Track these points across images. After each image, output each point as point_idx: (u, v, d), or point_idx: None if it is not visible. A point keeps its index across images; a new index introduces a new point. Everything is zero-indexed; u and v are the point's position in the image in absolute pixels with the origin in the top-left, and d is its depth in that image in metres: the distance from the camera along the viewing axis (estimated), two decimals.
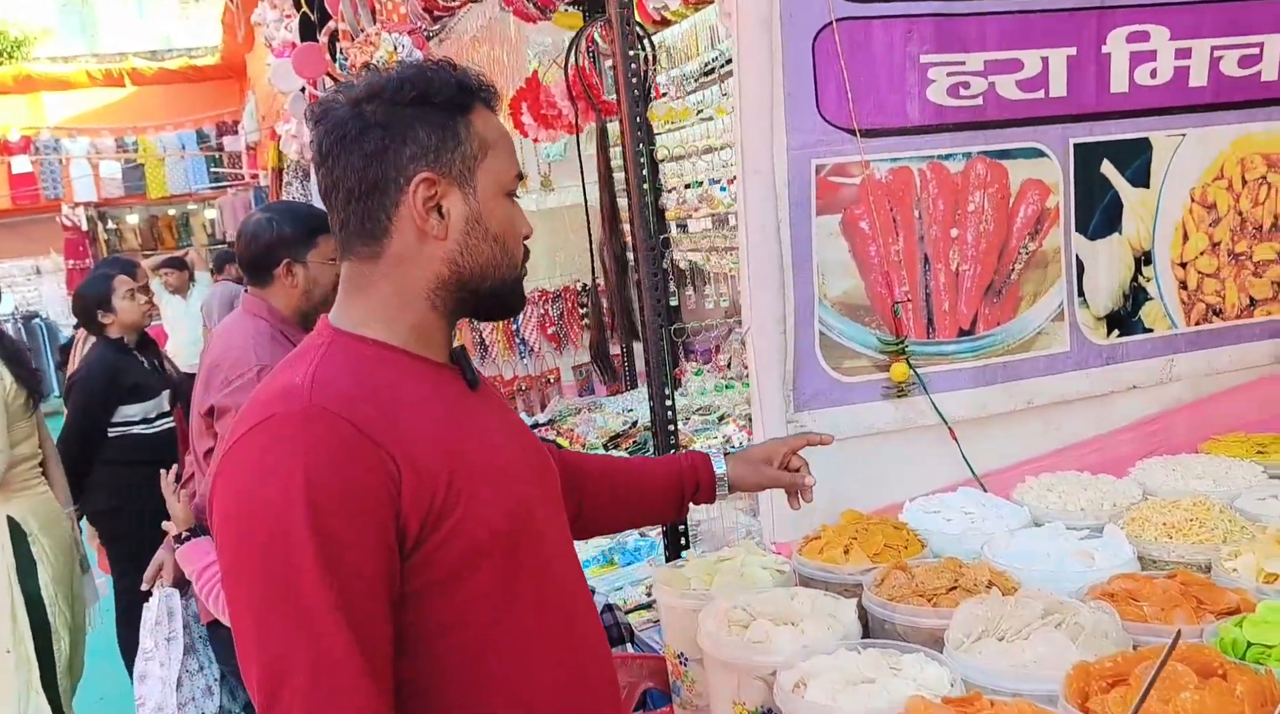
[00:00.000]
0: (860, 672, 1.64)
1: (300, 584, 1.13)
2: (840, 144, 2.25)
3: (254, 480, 1.17)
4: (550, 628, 1.33)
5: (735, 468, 1.82)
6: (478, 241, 1.28)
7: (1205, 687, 1.35)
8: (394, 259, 1.28)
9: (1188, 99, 2.47)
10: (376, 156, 1.24)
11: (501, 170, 1.30)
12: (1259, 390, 2.62)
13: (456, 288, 1.30)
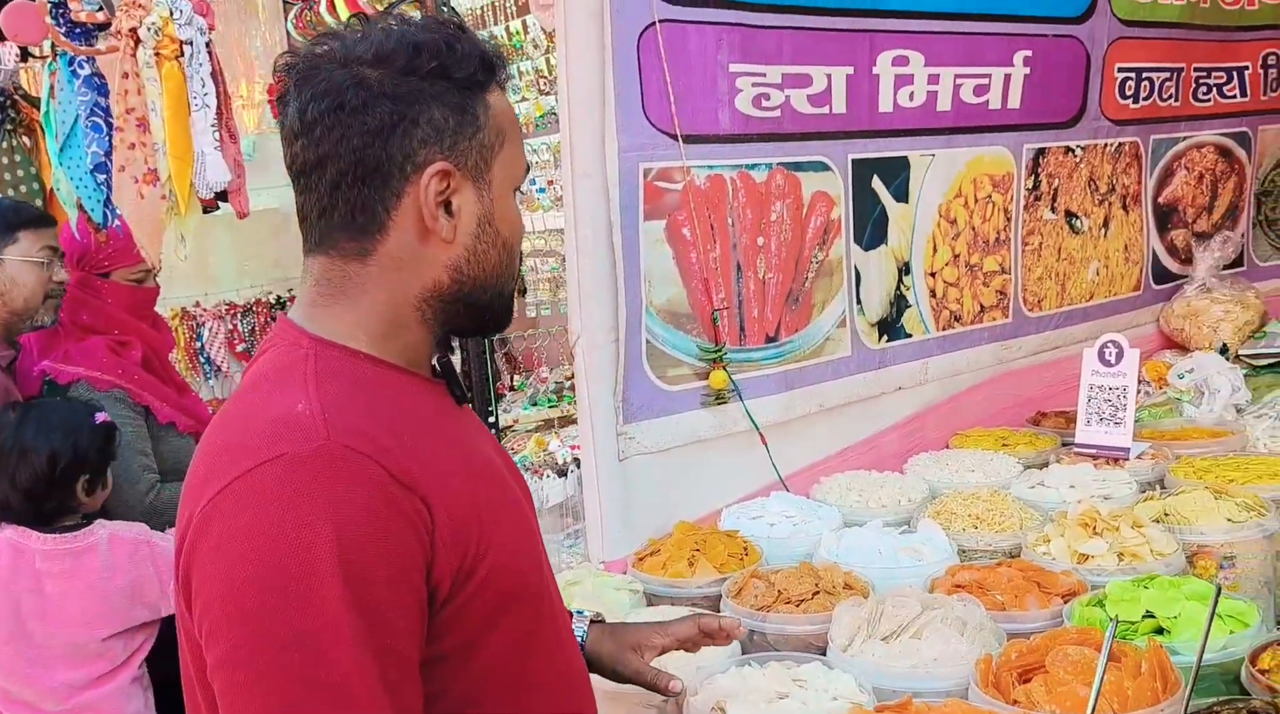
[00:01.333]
0: (772, 688, 1.59)
1: (342, 677, 0.88)
2: (664, 148, 2.20)
3: (267, 548, 0.89)
4: (562, 692, 1.13)
5: (597, 641, 1.41)
6: (487, 246, 1.06)
7: (1111, 668, 1.45)
8: (387, 259, 1.03)
9: (937, 122, 2.71)
10: (382, 135, 1.00)
11: (515, 163, 1.09)
12: (988, 388, 2.94)
13: (454, 299, 1.07)
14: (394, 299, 1.04)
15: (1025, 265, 2.98)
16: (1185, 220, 3.53)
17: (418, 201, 1.02)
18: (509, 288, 1.12)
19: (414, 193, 1.02)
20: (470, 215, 1.05)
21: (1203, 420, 2.86)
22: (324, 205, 1.03)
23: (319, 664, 0.87)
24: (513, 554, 1.04)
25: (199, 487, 0.95)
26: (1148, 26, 3.21)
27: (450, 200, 1.03)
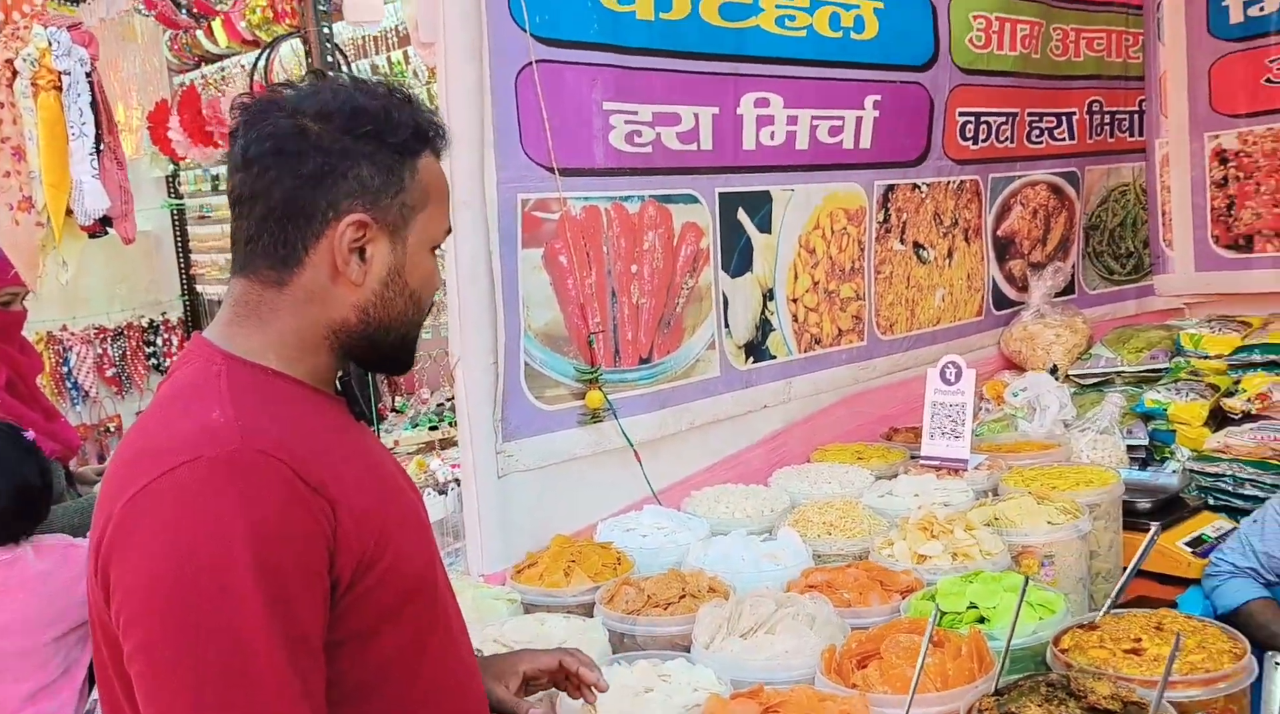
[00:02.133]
0: (639, 683, 1.72)
1: (257, 667, 0.97)
2: (542, 180, 2.32)
3: (184, 542, 0.97)
4: (453, 687, 1.23)
5: None
6: (394, 295, 1.17)
7: (935, 652, 1.64)
8: (300, 292, 1.14)
9: (796, 159, 2.93)
10: (311, 182, 1.11)
11: (435, 224, 1.20)
12: (846, 406, 3.16)
13: (360, 337, 1.18)
14: (303, 327, 1.15)
15: (878, 292, 3.22)
16: (1021, 252, 3.86)
17: (333, 245, 1.13)
18: (413, 334, 1.23)
19: (331, 236, 1.13)
20: (382, 264, 1.15)
21: (1034, 434, 3.15)
22: (251, 234, 1.14)
23: (233, 652, 0.95)
24: (409, 555, 1.15)
25: (118, 489, 1.02)
26: (985, 75, 3.52)
27: (365, 248, 1.14)
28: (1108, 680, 1.45)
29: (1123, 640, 1.64)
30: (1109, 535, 2.56)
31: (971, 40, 3.44)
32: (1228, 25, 4.15)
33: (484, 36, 2.20)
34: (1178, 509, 2.87)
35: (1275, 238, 4.15)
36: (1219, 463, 3.00)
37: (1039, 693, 1.48)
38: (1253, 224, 4.20)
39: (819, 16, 2.90)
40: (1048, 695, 1.47)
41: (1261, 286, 4.12)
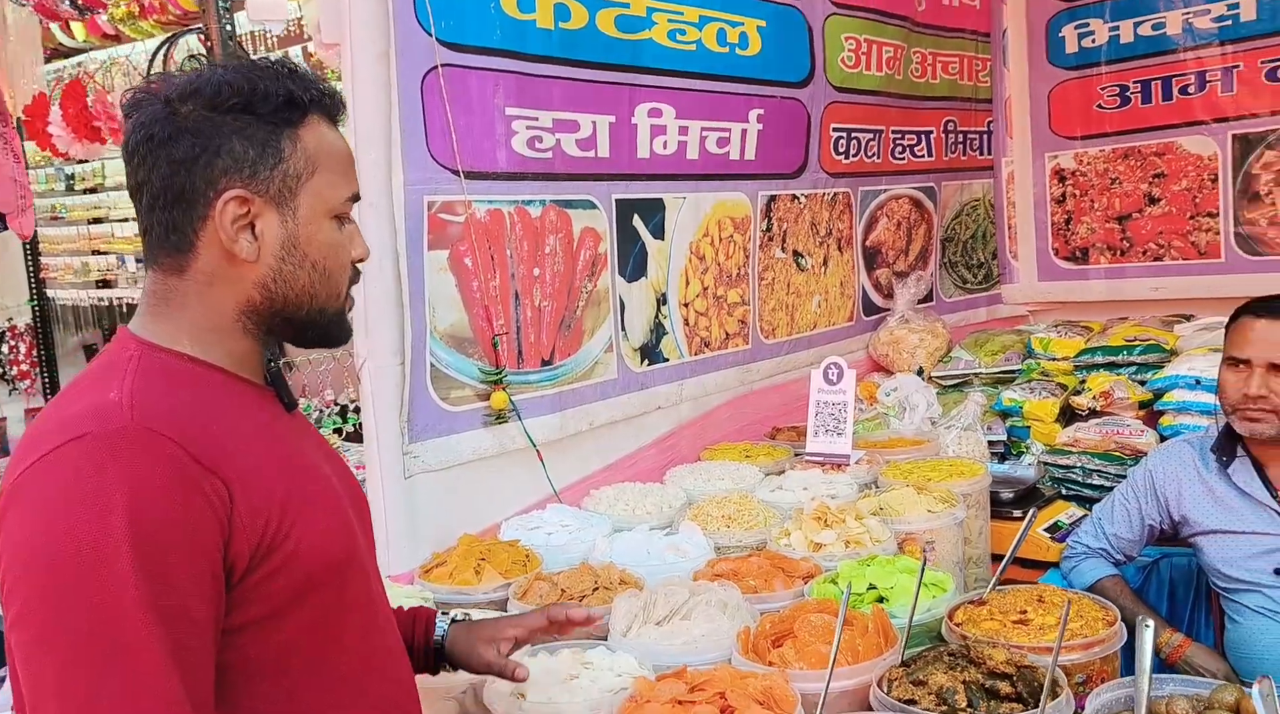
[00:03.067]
0: (564, 670, 1.77)
1: (126, 637, 0.97)
2: (447, 183, 2.34)
3: (62, 514, 0.98)
4: (371, 671, 1.24)
5: (455, 638, 1.55)
6: (293, 267, 1.17)
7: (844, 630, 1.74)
8: (201, 276, 1.15)
9: (687, 168, 3.03)
10: (185, 165, 1.11)
11: (330, 191, 1.18)
12: (733, 407, 3.28)
13: (269, 314, 1.18)
14: (211, 311, 1.15)
15: (761, 298, 3.36)
16: (887, 261, 4.09)
17: (218, 225, 1.13)
18: (332, 306, 1.22)
19: (214, 217, 1.13)
20: (274, 238, 1.15)
21: (905, 431, 3.35)
22: (146, 225, 1.15)
23: (104, 623, 0.96)
24: (320, 542, 1.15)
25: (11, 467, 1.03)
26: (854, 93, 3.73)
27: (254, 224, 1.14)
28: (1002, 648, 1.59)
29: (1010, 613, 1.79)
30: (979, 523, 2.76)
31: (843, 60, 3.63)
32: (1064, 54, 4.53)
33: (390, 40, 2.20)
34: (1036, 499, 3.11)
35: (1108, 251, 4.54)
36: (1070, 456, 3.27)
37: (943, 661, 1.60)
38: (1088, 238, 4.59)
39: (707, 32, 3.02)
40: (950, 664, 1.59)
41: (1096, 296, 4.51)
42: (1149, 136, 4.36)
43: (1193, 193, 4.26)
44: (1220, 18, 4.10)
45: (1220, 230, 4.20)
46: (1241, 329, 2.29)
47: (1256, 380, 2.22)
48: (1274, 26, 3.93)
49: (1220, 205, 4.18)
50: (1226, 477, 2.37)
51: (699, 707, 1.53)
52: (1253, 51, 4.00)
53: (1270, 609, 2.29)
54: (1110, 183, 4.50)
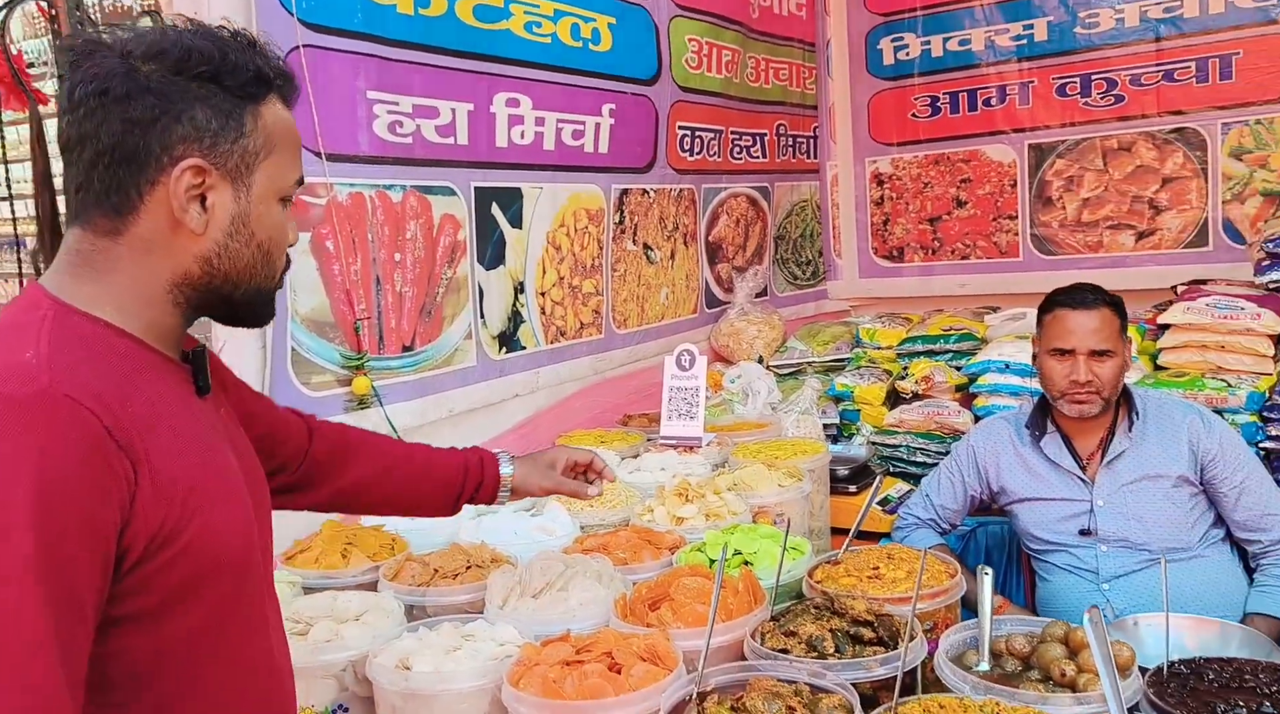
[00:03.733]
0: (446, 643, 1.79)
1: (16, 613, 0.91)
2: (309, 164, 2.30)
3: None
4: (249, 692, 1.19)
5: (522, 470, 1.81)
6: (240, 245, 1.13)
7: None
8: (138, 242, 1.09)
9: (543, 159, 3.08)
10: (140, 125, 1.06)
11: (281, 173, 1.16)
12: (587, 395, 3.36)
13: (205, 289, 1.14)
14: (142, 279, 1.10)
15: (614, 289, 3.45)
16: (727, 256, 4.27)
17: (169, 191, 1.08)
18: (267, 287, 1.20)
19: (167, 182, 1.07)
20: (224, 213, 1.11)
21: (748, 416, 3.52)
22: (80, 181, 1.08)
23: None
24: (218, 533, 1.10)
25: None
26: (697, 94, 3.88)
27: (205, 196, 1.09)
28: (862, 599, 1.73)
29: (864, 569, 1.95)
30: (820, 497, 2.95)
31: (687, 60, 3.78)
32: (882, 65, 4.86)
33: (251, 17, 2.15)
34: (868, 475, 3.35)
35: (921, 250, 4.91)
36: (896, 436, 3.53)
37: (810, 614, 1.73)
38: (903, 238, 4.94)
39: (562, 26, 3.09)
40: (817, 615, 1.72)
41: (910, 291, 4.86)
42: (956, 144, 4.74)
43: (995, 197, 4.66)
44: (1017, 37, 4.51)
45: (1019, 232, 4.61)
46: (1059, 320, 2.54)
47: (1082, 368, 2.47)
48: (1062, 47, 4.37)
49: (1019, 208, 4.60)
50: (1039, 450, 2.63)
51: (588, 664, 1.60)
52: (1045, 69, 4.43)
53: (1076, 566, 2.57)
54: (923, 187, 4.86)
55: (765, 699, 1.46)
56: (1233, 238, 4.08)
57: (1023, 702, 1.40)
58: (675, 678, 1.56)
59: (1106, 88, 4.28)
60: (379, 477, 1.65)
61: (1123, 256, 4.33)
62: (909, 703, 1.41)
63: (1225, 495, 2.47)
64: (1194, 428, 2.51)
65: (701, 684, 1.54)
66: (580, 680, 1.54)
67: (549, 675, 1.57)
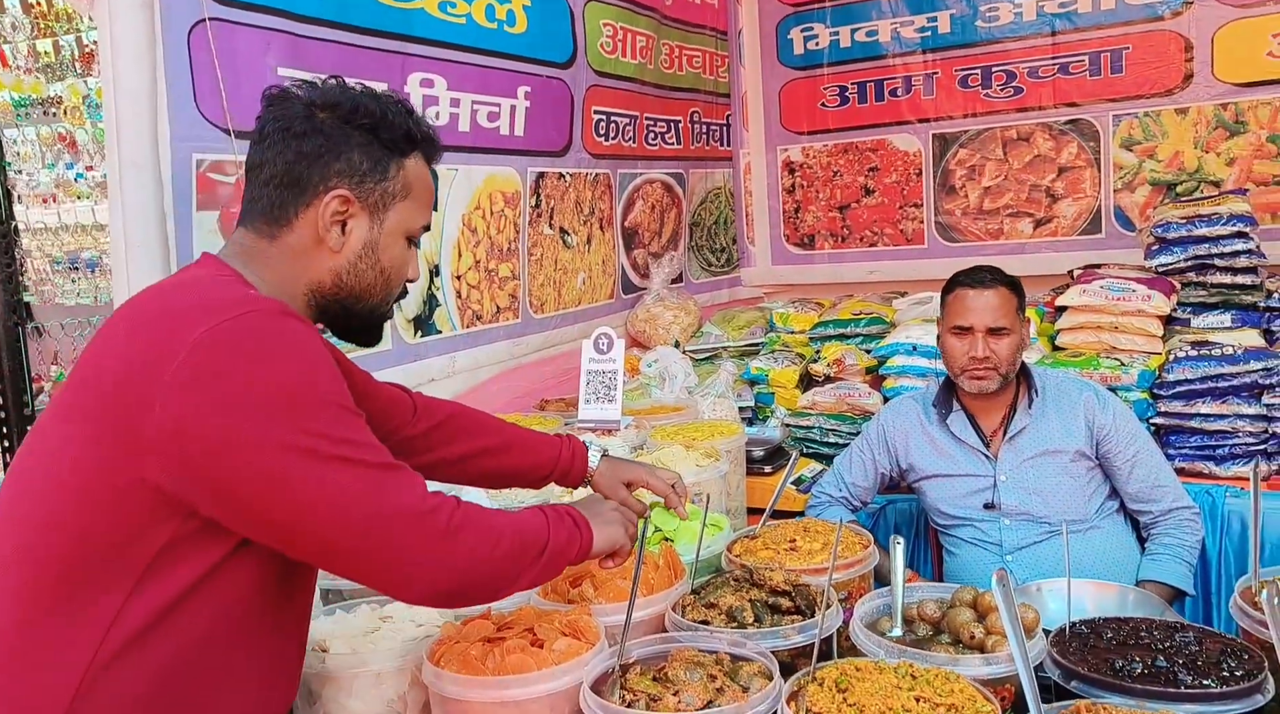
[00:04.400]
0: (364, 625, 1.77)
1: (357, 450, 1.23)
2: (217, 141, 2.24)
3: (273, 355, 1.18)
4: (303, 620, 1.50)
5: (603, 470, 1.92)
6: (367, 267, 1.38)
7: None
8: (288, 248, 1.35)
9: (459, 140, 3.05)
10: (308, 158, 1.33)
11: (413, 217, 1.42)
12: (504, 380, 3.34)
13: (332, 299, 1.38)
14: (285, 278, 1.36)
15: (531, 273, 3.44)
16: (643, 242, 4.30)
17: (319, 213, 1.34)
18: (382, 309, 1.45)
19: (318, 206, 1.34)
20: (359, 239, 1.37)
21: (665, 399, 3.55)
22: (255, 195, 1.36)
23: (323, 440, 1.19)
24: None
25: (171, 334, 1.17)
26: (612, 78, 3.89)
27: (346, 222, 1.36)
28: (780, 570, 1.77)
29: (781, 542, 1.99)
30: (736, 478, 2.99)
31: (602, 45, 3.78)
32: (792, 55, 4.94)
33: None
34: (782, 456, 3.42)
35: (831, 237, 5.01)
36: (809, 417, 3.60)
37: (729, 586, 1.77)
38: (814, 226, 5.03)
39: (476, 6, 3.06)
40: (736, 587, 1.76)
41: (821, 278, 4.96)
42: (864, 133, 4.85)
43: (901, 185, 4.79)
44: (922, 29, 4.64)
45: (924, 219, 4.74)
46: (959, 300, 2.63)
47: (980, 344, 2.56)
48: (964, 39, 4.50)
49: (924, 197, 4.73)
50: (945, 427, 2.72)
51: (509, 640, 1.60)
52: (948, 60, 4.56)
53: (980, 539, 2.67)
54: (832, 175, 4.96)
55: (687, 668, 1.48)
56: (1123, 225, 4.27)
57: (934, 663, 1.45)
58: (597, 651, 1.57)
59: (1006, 79, 4.43)
60: (477, 455, 1.84)
61: (1021, 243, 4.49)
62: (826, 667, 1.45)
63: (1119, 468, 2.60)
64: (1089, 405, 2.63)
65: (623, 657, 1.56)
66: (502, 656, 1.55)
67: (470, 652, 1.57)
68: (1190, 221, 3.22)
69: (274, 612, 1.36)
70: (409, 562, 1.25)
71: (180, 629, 1.23)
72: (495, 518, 1.38)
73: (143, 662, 1.21)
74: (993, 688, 1.40)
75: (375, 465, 1.23)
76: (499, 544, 1.35)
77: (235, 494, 1.18)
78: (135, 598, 1.19)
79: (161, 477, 1.17)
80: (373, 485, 1.22)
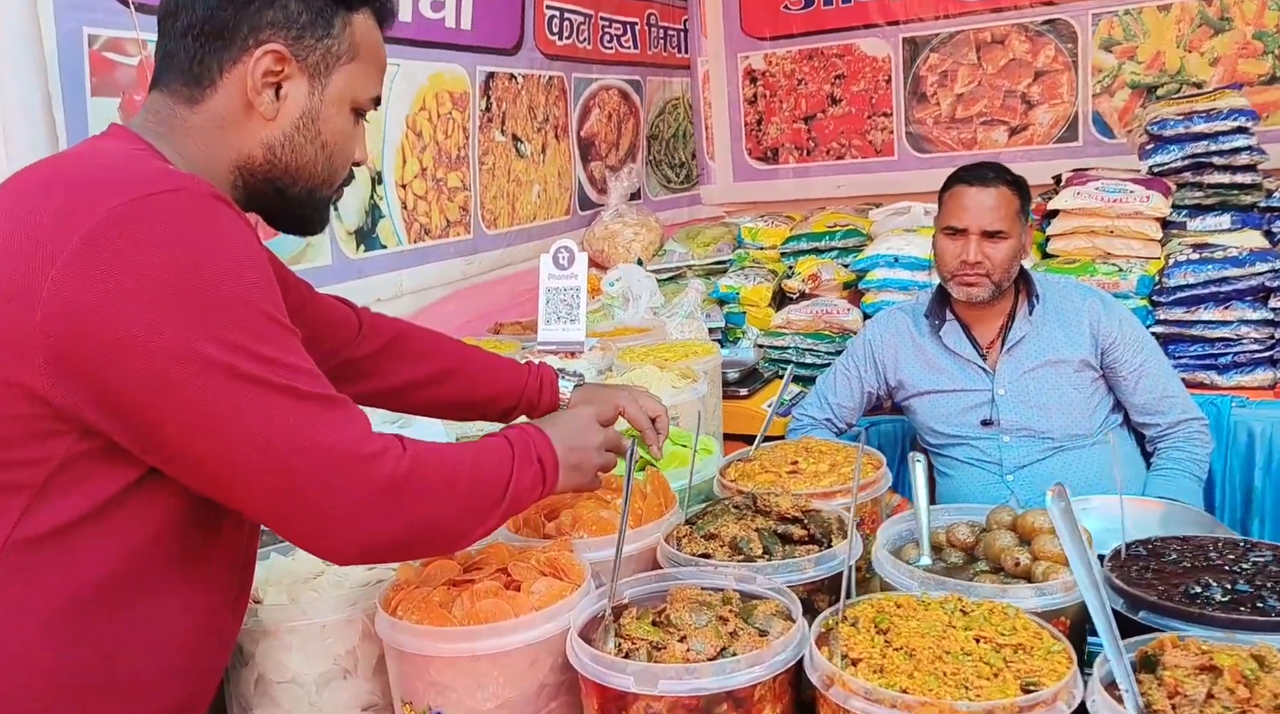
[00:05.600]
0: (306, 570, 1.53)
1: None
2: (113, 14, 1.91)
3: (196, 243, 0.97)
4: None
5: (577, 401, 1.65)
6: (305, 141, 1.17)
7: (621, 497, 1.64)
8: (212, 115, 1.13)
9: (400, 32, 2.73)
10: (236, 4, 1.11)
11: (360, 84, 1.19)
12: (455, 302, 3.06)
13: (263, 178, 1.17)
14: (209, 152, 1.13)
15: (483, 183, 3.14)
16: (600, 154, 4.00)
17: (248, 71, 1.11)
18: (323, 191, 1.21)
19: (247, 63, 1.11)
20: (296, 105, 1.15)
21: (630, 321, 3.31)
22: (170, 49, 1.13)
23: (242, 355, 0.97)
24: None
25: (76, 209, 0.94)
26: None
27: (281, 85, 1.13)
28: (786, 495, 1.55)
29: (781, 464, 1.77)
30: (714, 401, 2.76)
31: None
32: None
33: None
34: (757, 379, 3.20)
35: (796, 150, 4.75)
36: (784, 337, 3.39)
37: (730, 514, 1.54)
38: (777, 138, 4.77)
39: None
40: (738, 515, 1.53)
41: (785, 194, 4.70)
42: (830, 38, 4.57)
43: (869, 93, 4.53)
44: None
45: (894, 129, 4.50)
46: (955, 197, 2.41)
47: (973, 247, 2.35)
48: None
49: (893, 105, 4.48)
50: (938, 339, 2.52)
51: (480, 583, 1.36)
52: None
53: (978, 458, 2.49)
54: (797, 84, 4.68)
55: (692, 610, 1.26)
56: (1102, 132, 4.07)
57: (980, 596, 1.24)
58: (584, 593, 1.34)
59: None
60: (429, 381, 1.61)
61: (996, 153, 4.27)
62: (858, 603, 1.23)
63: (1125, 378, 2.42)
64: (1094, 311, 2.44)
65: (615, 598, 1.33)
66: (472, 602, 1.31)
67: (433, 598, 1.33)
68: (1187, 117, 3.02)
69: (195, 557, 1.12)
70: (340, 517, 1.03)
71: (78, 564, 1.00)
72: (450, 462, 1.14)
73: (30, 600, 0.99)
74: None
75: (307, 395, 1.01)
76: (452, 498, 1.14)
77: (128, 406, 0.96)
78: (28, 518, 0.98)
79: (46, 381, 0.95)
80: (301, 419, 1.00)
